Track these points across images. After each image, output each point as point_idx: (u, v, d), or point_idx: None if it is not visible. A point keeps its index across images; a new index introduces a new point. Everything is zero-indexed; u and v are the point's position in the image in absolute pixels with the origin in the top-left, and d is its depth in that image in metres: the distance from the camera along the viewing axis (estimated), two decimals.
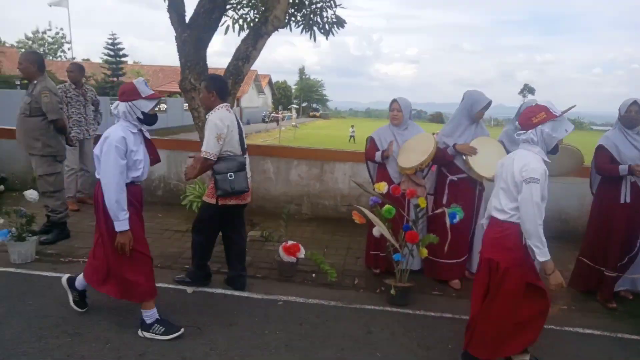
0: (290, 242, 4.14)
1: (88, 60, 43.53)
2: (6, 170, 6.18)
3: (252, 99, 47.26)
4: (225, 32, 6.09)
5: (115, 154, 2.76)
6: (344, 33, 6.27)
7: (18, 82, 26.92)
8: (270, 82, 58.51)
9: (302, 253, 4.07)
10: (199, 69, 5.05)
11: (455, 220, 3.52)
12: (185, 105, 27.23)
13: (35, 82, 4.41)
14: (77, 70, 5.95)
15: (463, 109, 4.06)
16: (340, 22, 6.04)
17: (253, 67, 5.67)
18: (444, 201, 4.03)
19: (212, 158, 3.45)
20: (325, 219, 5.95)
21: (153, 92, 2.98)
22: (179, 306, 3.47)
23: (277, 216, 5.52)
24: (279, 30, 5.30)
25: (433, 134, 4.43)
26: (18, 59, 4.56)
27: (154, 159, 3.14)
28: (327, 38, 6.14)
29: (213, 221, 3.69)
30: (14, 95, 16.10)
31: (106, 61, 34.03)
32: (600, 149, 3.86)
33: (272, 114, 44.11)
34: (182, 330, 3.02)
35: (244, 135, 3.74)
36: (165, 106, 29.36)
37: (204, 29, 5.04)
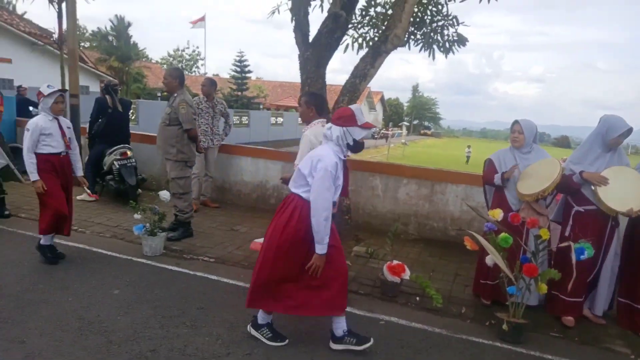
0: (395, 262, 4.07)
1: (217, 75, 47.64)
2: (146, 172, 6.98)
3: (364, 115, 47.83)
4: (345, 51, 6.28)
5: (330, 179, 2.79)
6: (462, 50, 6.10)
7: (159, 94, 30.35)
8: (382, 99, 58.74)
9: (407, 274, 3.98)
10: (317, 85, 5.26)
11: (582, 257, 3.19)
12: (272, 119, 28.12)
13: (175, 94, 4.95)
14: (208, 84, 6.55)
15: (597, 134, 3.69)
16: (461, 41, 5.89)
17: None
18: (567, 233, 3.69)
19: None
20: (433, 241, 5.76)
21: (367, 121, 3.06)
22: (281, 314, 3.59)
23: (383, 234, 5.47)
24: (397, 48, 5.32)
25: (562, 159, 4.08)
26: (163, 74, 5.16)
27: (345, 188, 3.28)
28: (446, 56, 6.02)
29: None
30: (155, 106, 18.18)
31: (233, 76, 36.94)
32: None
33: (382, 131, 44.10)
34: (287, 340, 3.11)
35: None
36: (282, 119, 30.91)
37: (325, 48, 5.25)
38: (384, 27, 5.41)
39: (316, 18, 6.36)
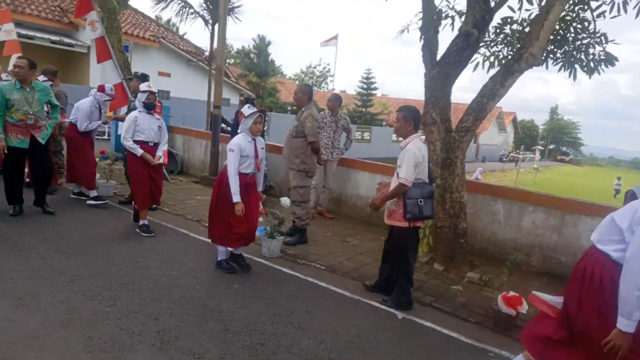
0: (511, 293, 3.82)
1: (344, 91, 49.10)
2: (273, 180, 7.49)
3: (492, 136, 45.23)
4: (474, 69, 6.09)
5: None
6: (611, 70, 5.51)
7: (289, 108, 32.22)
8: (514, 120, 55.06)
9: (524, 308, 3.71)
10: (442, 104, 5.19)
11: None
12: (394, 136, 27.09)
13: (303, 109, 5.28)
14: (333, 100, 6.84)
15: None
16: (609, 60, 5.35)
17: (498, 104, 5.51)
18: None
19: (409, 184, 3.75)
20: (559, 277, 5.25)
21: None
22: (386, 327, 3.59)
23: (500, 262, 5.17)
24: (533, 67, 5.02)
25: None
26: (294, 89, 5.55)
27: None
28: (590, 77, 5.51)
29: (410, 242, 3.95)
30: (285, 118, 19.45)
31: (359, 93, 37.76)
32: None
33: (512, 154, 41.25)
34: None
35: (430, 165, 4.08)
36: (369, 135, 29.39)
37: (452, 67, 5.16)
38: (518, 46, 5.15)
39: (445, 36, 6.29)
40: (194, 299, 3.70)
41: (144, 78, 6.40)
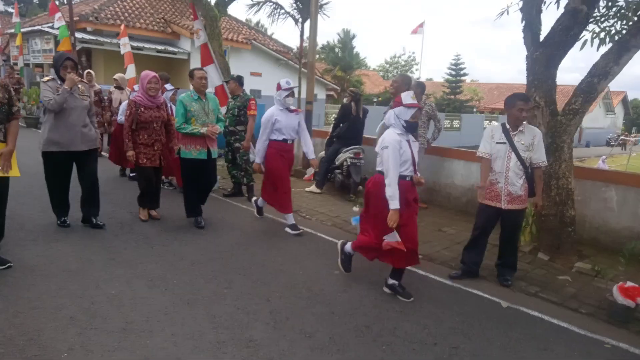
0: (629, 284, 3.58)
1: (431, 79, 47.78)
2: (365, 171, 7.57)
3: (597, 119, 41.28)
4: (581, 48, 5.67)
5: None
6: None
7: (375, 100, 32.08)
8: (624, 100, 49.73)
9: None
10: (546, 87, 4.94)
11: None
12: (486, 123, 25.72)
13: None
14: (416, 87, 6.68)
15: None
16: None
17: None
18: None
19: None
20: None
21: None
22: (490, 316, 3.55)
23: (613, 252, 4.84)
24: None
25: None
26: (379, 81, 5.60)
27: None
28: None
29: None
30: (372, 110, 19.41)
31: (447, 80, 36.53)
32: None
33: (621, 137, 37.34)
34: None
35: None
36: (497, 123, 29.00)
37: (557, 47, 4.88)
38: (635, 19, 4.71)
39: (548, 16, 5.92)
40: (299, 284, 3.94)
41: (239, 79, 6.80)
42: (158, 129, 5.14)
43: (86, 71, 8.74)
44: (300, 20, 12.12)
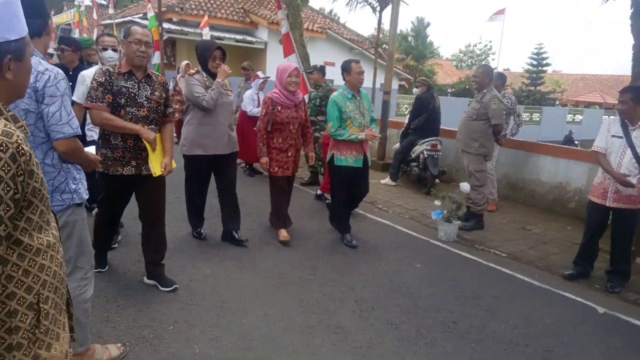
0: None
1: (508, 69, 45.37)
2: (443, 164, 7.43)
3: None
4: None
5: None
6: None
7: (449, 90, 31.18)
8: None
9: None
10: None
11: None
12: (569, 117, 23.85)
13: (485, 91, 5.15)
14: (496, 79, 6.27)
15: None
16: None
17: None
18: None
19: None
20: None
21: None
22: (585, 320, 3.39)
23: None
24: None
25: None
26: (452, 70, 5.42)
27: None
28: None
29: None
30: (445, 101, 18.89)
31: (527, 70, 34.56)
32: None
33: None
34: None
35: None
36: (581, 117, 27.23)
37: None
38: None
39: None
40: (381, 275, 3.98)
41: (322, 69, 6.89)
42: (294, 132, 4.42)
43: (185, 62, 8.98)
44: (378, 8, 11.99)
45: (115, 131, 3.00)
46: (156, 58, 14.19)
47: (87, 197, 2.30)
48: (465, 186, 5.10)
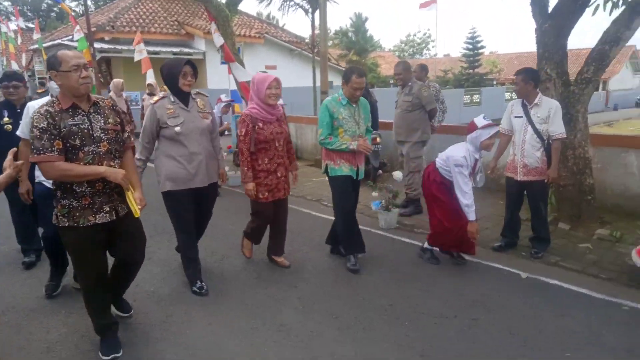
0: None
1: (448, 55, 46.85)
2: (383, 156, 7.66)
3: (625, 80, 39.79)
4: (593, 13, 5.59)
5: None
6: None
7: (392, 82, 31.84)
8: None
9: None
10: (557, 58, 4.93)
11: None
12: (507, 94, 25.05)
13: (410, 83, 5.43)
14: (419, 70, 6.46)
15: None
16: None
17: (631, 42, 5.06)
18: None
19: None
20: None
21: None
22: (510, 287, 3.67)
23: (636, 216, 4.85)
24: None
25: None
26: (394, 69, 5.62)
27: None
28: None
29: None
30: (389, 93, 19.38)
31: (464, 55, 35.85)
32: None
33: None
34: None
35: None
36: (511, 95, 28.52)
37: (567, 17, 4.86)
38: None
39: None
40: (325, 269, 4.13)
41: None
42: (281, 150, 3.91)
43: (115, 80, 8.85)
44: (310, 10, 12.18)
45: (78, 180, 2.56)
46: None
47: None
48: (397, 175, 5.34)
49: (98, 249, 2.73)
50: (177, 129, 3.42)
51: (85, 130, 2.56)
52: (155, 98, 3.59)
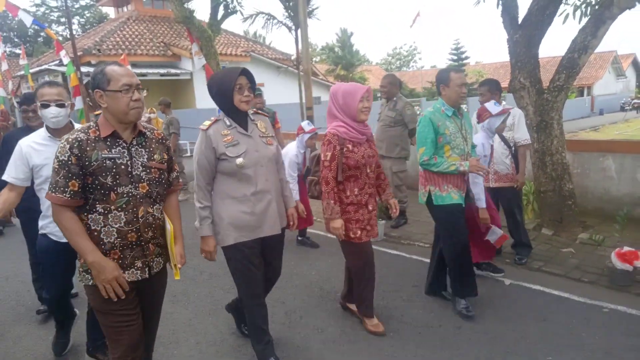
0: (626, 249, 3.72)
1: (435, 66, 47.54)
2: None
3: (608, 85, 40.51)
4: (564, 22, 5.78)
5: None
6: None
7: (379, 95, 32.11)
8: (634, 62, 48.65)
9: None
10: (529, 67, 5.07)
11: None
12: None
13: (395, 98, 5.54)
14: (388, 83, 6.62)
15: None
16: None
17: (612, 48, 5.23)
18: None
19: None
20: None
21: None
22: (494, 294, 3.72)
23: (616, 219, 4.93)
24: (630, 9, 4.68)
25: None
26: (380, 82, 5.68)
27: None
28: None
29: None
30: (376, 106, 19.56)
31: (450, 66, 36.39)
32: None
33: (635, 101, 36.60)
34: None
35: None
36: (504, 102, 28.87)
37: (536, 27, 5.01)
38: None
39: None
40: (312, 284, 4.17)
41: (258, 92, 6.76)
42: (372, 176, 3.18)
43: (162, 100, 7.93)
44: (293, 27, 12.38)
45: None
46: (78, 103, 13.78)
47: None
48: None
49: (124, 308, 2.14)
50: (240, 160, 2.60)
51: (123, 167, 2.05)
52: (207, 122, 2.68)
